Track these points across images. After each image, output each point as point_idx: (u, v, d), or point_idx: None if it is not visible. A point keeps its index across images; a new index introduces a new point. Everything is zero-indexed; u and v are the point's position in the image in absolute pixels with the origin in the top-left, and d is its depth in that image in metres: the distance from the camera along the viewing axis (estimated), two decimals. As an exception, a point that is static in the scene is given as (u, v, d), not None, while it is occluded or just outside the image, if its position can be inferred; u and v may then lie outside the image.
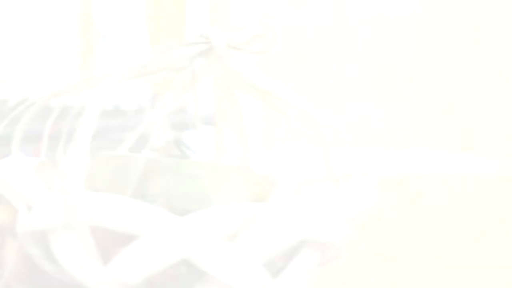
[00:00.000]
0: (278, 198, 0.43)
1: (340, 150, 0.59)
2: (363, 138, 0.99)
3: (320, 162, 0.69)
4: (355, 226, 0.54)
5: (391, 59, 1.06)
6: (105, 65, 1.13)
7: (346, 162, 0.72)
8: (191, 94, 0.62)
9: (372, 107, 1.02)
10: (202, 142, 0.71)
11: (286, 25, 1.04)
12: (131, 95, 0.96)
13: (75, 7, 1.40)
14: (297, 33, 1.02)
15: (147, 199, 0.45)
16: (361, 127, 1.00)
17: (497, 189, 1.05)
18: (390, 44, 1.05)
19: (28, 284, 0.54)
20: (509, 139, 1.04)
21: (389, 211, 1.02)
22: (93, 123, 0.42)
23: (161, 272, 0.44)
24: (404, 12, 1.07)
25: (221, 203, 0.48)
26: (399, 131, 1.06)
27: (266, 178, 0.53)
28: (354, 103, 1.01)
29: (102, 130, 0.90)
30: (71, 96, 0.58)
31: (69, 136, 0.85)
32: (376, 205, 0.52)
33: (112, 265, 0.43)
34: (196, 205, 0.48)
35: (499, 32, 1.04)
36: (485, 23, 1.04)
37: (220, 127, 0.65)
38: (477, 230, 1.05)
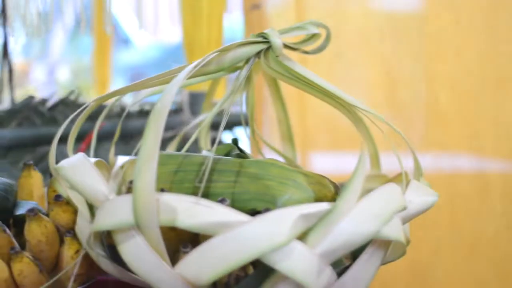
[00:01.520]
0: (346, 198, 0.43)
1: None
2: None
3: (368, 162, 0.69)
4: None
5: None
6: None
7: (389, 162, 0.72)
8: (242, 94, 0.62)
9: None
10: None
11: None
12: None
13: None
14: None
15: (213, 199, 0.45)
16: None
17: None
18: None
19: (85, 285, 0.54)
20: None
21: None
22: (162, 123, 0.42)
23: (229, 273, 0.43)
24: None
25: (286, 202, 0.48)
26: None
27: (319, 177, 0.52)
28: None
29: (139, 130, 0.90)
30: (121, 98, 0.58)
31: (107, 136, 0.85)
32: (435, 203, 0.52)
33: (181, 266, 0.43)
34: (262, 204, 0.48)
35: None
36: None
37: (257, 127, 0.65)
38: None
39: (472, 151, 1.04)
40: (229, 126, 1.01)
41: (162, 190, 0.46)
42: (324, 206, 0.44)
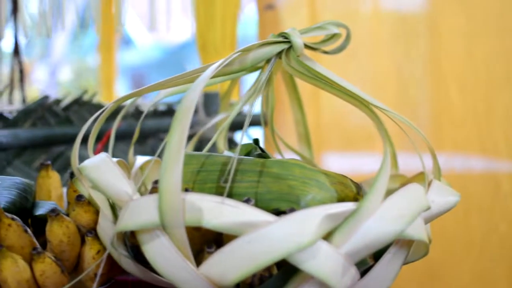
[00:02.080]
0: (371, 197, 0.43)
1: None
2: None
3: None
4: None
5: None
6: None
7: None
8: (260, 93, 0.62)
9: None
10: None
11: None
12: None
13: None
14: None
15: (237, 199, 0.45)
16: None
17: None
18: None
19: (106, 285, 0.54)
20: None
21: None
22: (188, 122, 0.42)
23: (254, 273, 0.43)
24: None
25: (309, 202, 0.48)
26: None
27: (341, 177, 0.52)
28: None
29: (154, 130, 0.90)
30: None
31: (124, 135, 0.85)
32: (457, 203, 0.52)
33: (205, 266, 0.42)
34: (286, 204, 0.48)
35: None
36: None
37: (272, 127, 0.65)
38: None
39: (483, 151, 1.04)
40: (243, 126, 1.01)
41: (186, 190, 0.46)
42: (349, 206, 0.43)
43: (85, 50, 3.76)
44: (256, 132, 1.14)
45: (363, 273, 0.46)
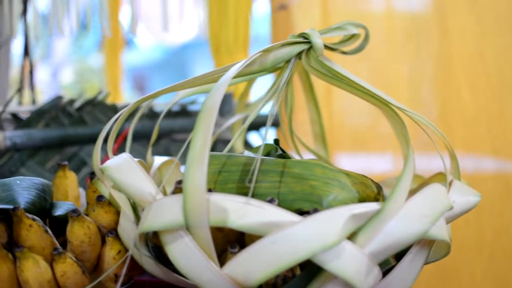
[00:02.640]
0: (395, 198, 0.43)
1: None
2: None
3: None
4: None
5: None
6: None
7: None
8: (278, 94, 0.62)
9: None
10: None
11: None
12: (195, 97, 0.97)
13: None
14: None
15: (259, 199, 0.45)
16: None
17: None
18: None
19: (125, 286, 0.54)
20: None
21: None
22: (212, 122, 0.42)
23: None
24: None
25: (331, 202, 0.48)
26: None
27: (361, 177, 0.52)
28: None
29: (167, 130, 0.90)
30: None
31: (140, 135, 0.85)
32: (478, 203, 0.52)
33: (229, 266, 0.42)
34: (308, 205, 0.48)
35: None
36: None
37: (290, 127, 0.65)
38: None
39: (494, 151, 1.04)
40: (256, 126, 1.01)
41: (209, 190, 0.46)
42: (373, 206, 0.43)
43: (87, 51, 3.77)
44: (269, 133, 1.14)
45: (385, 273, 0.46)
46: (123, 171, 0.46)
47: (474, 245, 1.06)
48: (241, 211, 0.42)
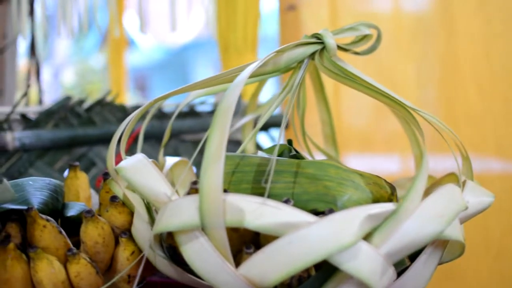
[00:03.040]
0: (411, 198, 0.43)
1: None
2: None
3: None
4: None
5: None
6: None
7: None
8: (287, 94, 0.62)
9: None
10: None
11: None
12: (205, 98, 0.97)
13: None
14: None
15: (274, 200, 0.45)
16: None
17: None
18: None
19: (138, 286, 0.54)
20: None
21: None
22: (228, 122, 0.42)
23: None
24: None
25: (345, 203, 0.48)
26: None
27: (375, 178, 0.52)
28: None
29: (176, 131, 0.90)
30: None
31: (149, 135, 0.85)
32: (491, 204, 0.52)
33: (245, 267, 0.42)
34: (323, 205, 0.48)
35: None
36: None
37: (303, 128, 0.65)
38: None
39: (500, 152, 1.04)
40: (265, 127, 1.01)
41: (224, 190, 0.46)
42: (389, 206, 0.43)
43: (88, 51, 3.77)
44: (277, 133, 1.14)
45: (399, 273, 0.46)
46: (138, 171, 0.46)
47: (480, 244, 1.06)
48: (257, 212, 0.42)
